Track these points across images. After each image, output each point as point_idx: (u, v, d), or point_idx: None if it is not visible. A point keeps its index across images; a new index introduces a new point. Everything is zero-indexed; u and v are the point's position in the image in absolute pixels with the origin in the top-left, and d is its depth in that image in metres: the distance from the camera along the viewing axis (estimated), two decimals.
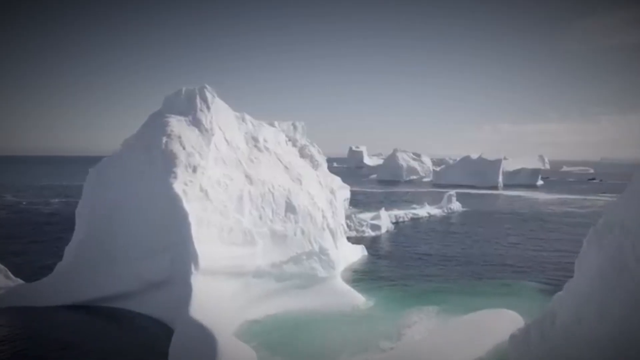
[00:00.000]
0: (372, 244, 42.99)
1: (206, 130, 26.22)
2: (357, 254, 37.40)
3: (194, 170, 23.93)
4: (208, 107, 27.27)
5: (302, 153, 74.09)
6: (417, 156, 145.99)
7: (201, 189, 23.54)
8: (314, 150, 73.92)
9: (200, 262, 21.46)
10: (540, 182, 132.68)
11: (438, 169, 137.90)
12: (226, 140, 27.07)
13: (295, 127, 74.53)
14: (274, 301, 24.46)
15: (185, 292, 21.00)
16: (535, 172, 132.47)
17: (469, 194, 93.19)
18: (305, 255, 26.08)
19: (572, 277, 14.86)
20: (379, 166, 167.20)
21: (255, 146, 28.61)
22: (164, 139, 24.84)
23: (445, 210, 66.58)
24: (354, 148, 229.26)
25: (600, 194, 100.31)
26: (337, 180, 73.33)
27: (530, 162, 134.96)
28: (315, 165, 72.35)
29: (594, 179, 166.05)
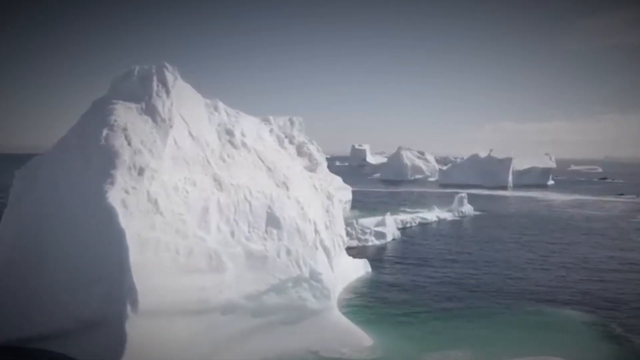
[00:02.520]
0: (376, 257, 37.02)
1: (163, 120, 20.22)
2: (359, 270, 31.42)
3: (140, 172, 17.94)
4: (167, 92, 21.29)
5: (300, 151, 68.46)
6: (422, 154, 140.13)
7: (149, 199, 17.56)
8: (312, 148, 67.84)
9: (140, 300, 15.55)
10: (551, 182, 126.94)
11: (445, 168, 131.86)
12: (190, 134, 21.10)
13: (292, 123, 68.62)
14: (250, 344, 18.56)
15: (118, 341, 15.17)
16: (545, 172, 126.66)
17: (478, 194, 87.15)
18: (292, 282, 20.12)
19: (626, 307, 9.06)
20: (382, 165, 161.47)
21: (230, 142, 22.61)
22: (104, 132, 18.88)
23: (456, 214, 60.59)
24: (356, 146, 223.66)
25: (618, 195, 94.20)
26: (338, 180, 67.42)
27: (539, 161, 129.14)
28: (314, 164, 66.79)
29: (605, 178, 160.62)
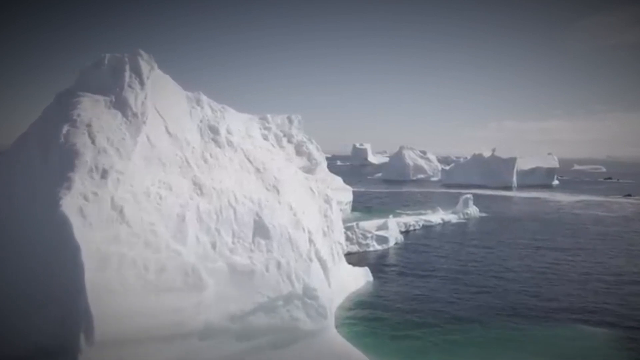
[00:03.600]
0: (378, 264, 34.42)
1: (134, 115, 17.68)
2: (359, 280, 28.84)
3: (104, 175, 15.41)
4: (141, 83, 18.75)
5: (299, 150, 65.91)
6: (423, 154, 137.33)
7: (113, 206, 15.03)
8: (312, 147, 65.20)
9: (97, 328, 13.03)
10: (555, 182, 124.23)
11: (447, 167, 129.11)
12: (167, 131, 18.57)
13: (290, 121, 65.85)
14: None
15: None
16: (550, 172, 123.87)
17: (482, 195, 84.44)
18: (283, 300, 17.61)
19: None
20: (384, 164, 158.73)
21: (214, 140, 20.06)
22: (65, 129, 16.35)
23: (462, 216, 57.93)
24: (357, 146, 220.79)
25: (625, 196, 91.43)
26: (338, 181, 64.68)
27: (543, 161, 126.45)
28: (313, 164, 64.25)
29: (610, 178, 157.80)
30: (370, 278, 29.77)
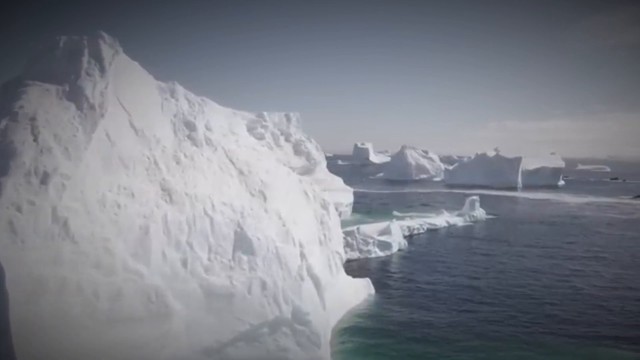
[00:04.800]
0: (380, 273, 31.62)
1: (91, 107, 14.82)
2: (359, 294, 26.00)
3: (44, 180, 12.56)
4: (102, 70, 15.89)
5: (297, 149, 63.04)
6: (425, 153, 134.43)
7: (55, 218, 12.18)
8: (311, 146, 62.44)
9: None
10: (561, 183, 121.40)
11: (451, 167, 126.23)
12: (133, 126, 15.74)
13: (288, 119, 63.11)
14: None
15: None
16: (556, 172, 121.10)
17: (487, 195, 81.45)
18: (268, 327, 14.78)
19: None
20: (385, 164, 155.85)
21: (190, 137, 17.22)
22: (3, 123, 13.51)
23: (468, 219, 55.04)
24: (359, 145, 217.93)
25: (635, 197, 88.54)
26: (338, 181, 61.73)
27: (548, 161, 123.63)
28: (312, 164, 61.40)
29: (616, 178, 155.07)
30: (372, 290, 26.93)
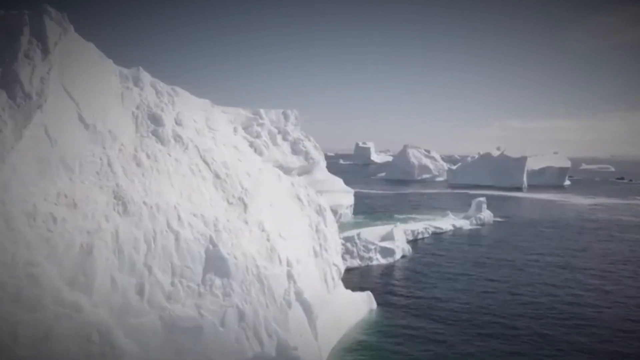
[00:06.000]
0: (383, 284, 28.78)
1: (27, 96, 11.92)
2: (360, 309, 23.18)
3: None
4: (45, 51, 13.00)
5: (295, 148, 60.10)
6: (428, 153, 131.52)
7: None
8: (309, 145, 59.36)
9: None
10: (567, 183, 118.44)
11: (454, 167, 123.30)
12: (82, 120, 12.90)
13: (286, 117, 60.07)
14: None
15: None
16: (562, 172, 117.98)
17: (492, 196, 78.30)
18: None
19: None
20: (387, 164, 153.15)
21: (155, 134, 14.38)
22: None
23: (475, 222, 52.13)
24: (360, 144, 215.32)
25: None
26: (338, 182, 58.86)
27: (554, 160, 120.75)
28: (311, 164, 58.48)
29: (622, 178, 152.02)
30: (374, 305, 24.13)
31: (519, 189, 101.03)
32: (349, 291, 23.75)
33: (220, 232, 12.87)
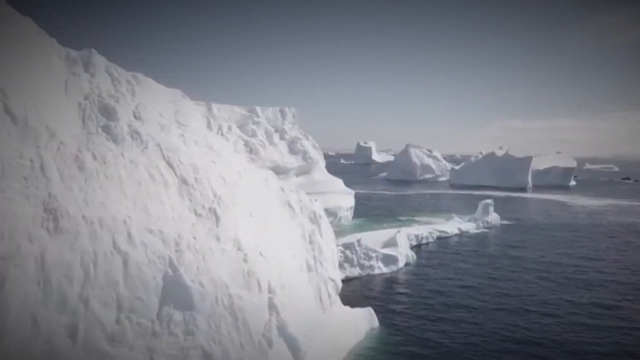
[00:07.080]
0: (385, 296, 26.13)
1: None
2: (360, 327, 20.56)
3: None
4: None
5: (293, 148, 57.40)
6: (430, 152, 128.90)
7: None
8: (308, 145, 56.54)
9: None
10: (572, 183, 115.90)
11: (457, 167, 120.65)
12: (9, 113, 10.26)
13: (283, 115, 57.33)
14: None
15: None
16: (567, 172, 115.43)
17: (497, 197, 75.46)
18: None
19: None
20: (389, 163, 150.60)
21: (106, 129, 11.74)
22: None
23: (481, 225, 49.45)
24: (361, 144, 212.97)
25: None
26: (338, 183, 56.13)
27: (559, 160, 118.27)
28: (309, 164, 55.76)
29: (627, 178, 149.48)
30: (375, 323, 21.52)
31: (523, 189, 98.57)
32: (347, 308, 21.15)
33: (183, 252, 10.25)
